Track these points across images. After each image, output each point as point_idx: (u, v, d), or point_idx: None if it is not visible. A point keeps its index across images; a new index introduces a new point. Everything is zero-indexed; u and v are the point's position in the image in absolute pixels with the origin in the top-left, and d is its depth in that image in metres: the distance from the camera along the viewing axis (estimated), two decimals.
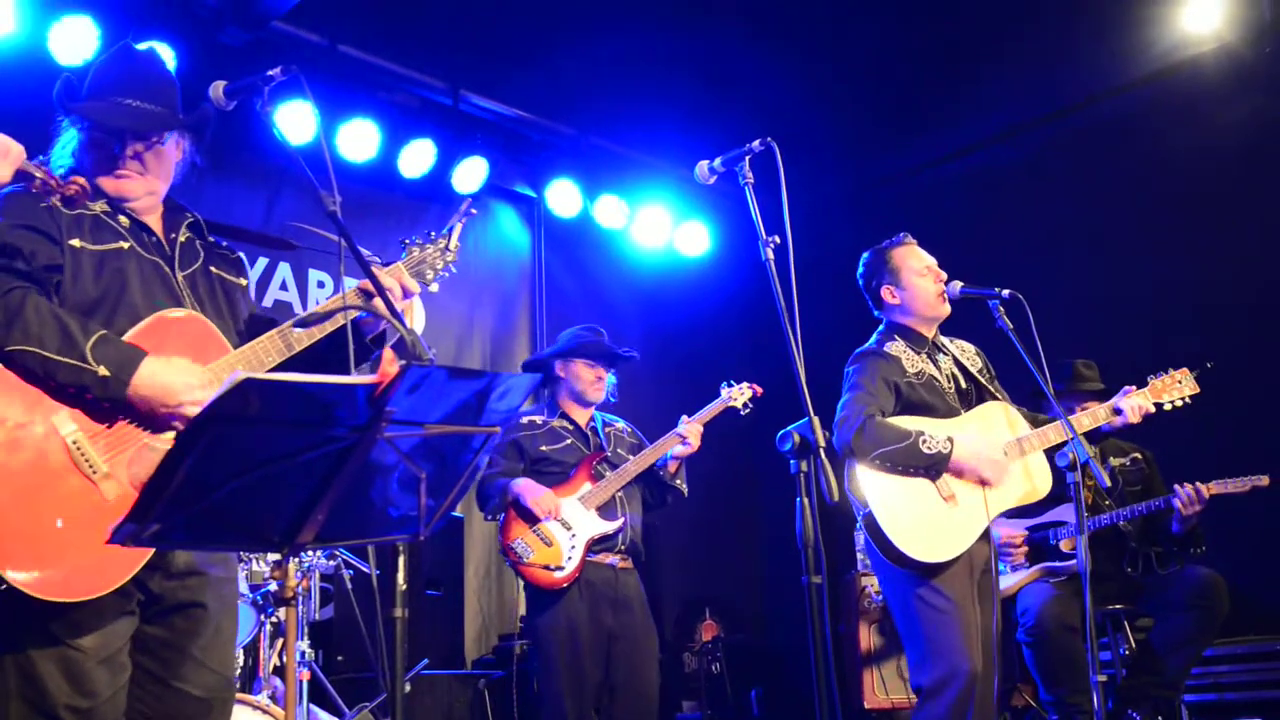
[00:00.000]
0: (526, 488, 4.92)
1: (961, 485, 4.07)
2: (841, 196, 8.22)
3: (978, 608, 4.00)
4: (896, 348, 4.29)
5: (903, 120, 7.84)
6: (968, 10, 6.82)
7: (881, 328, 4.44)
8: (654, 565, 6.07)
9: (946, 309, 4.35)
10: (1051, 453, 4.23)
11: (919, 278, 4.33)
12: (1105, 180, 7.18)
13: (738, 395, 5.24)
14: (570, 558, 4.87)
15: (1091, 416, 4.34)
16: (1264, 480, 5.01)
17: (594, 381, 5.17)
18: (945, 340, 4.45)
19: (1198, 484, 5.03)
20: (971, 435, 4.12)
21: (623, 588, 5.01)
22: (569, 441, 5.15)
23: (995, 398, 4.35)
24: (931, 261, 4.37)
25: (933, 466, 4.00)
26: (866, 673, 6.37)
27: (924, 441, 3.99)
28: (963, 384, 4.32)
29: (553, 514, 4.89)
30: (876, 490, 4.01)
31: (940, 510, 3.98)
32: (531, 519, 4.90)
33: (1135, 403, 4.33)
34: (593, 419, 5.29)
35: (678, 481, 5.20)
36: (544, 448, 5.10)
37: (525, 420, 5.18)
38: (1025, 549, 5.24)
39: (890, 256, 4.37)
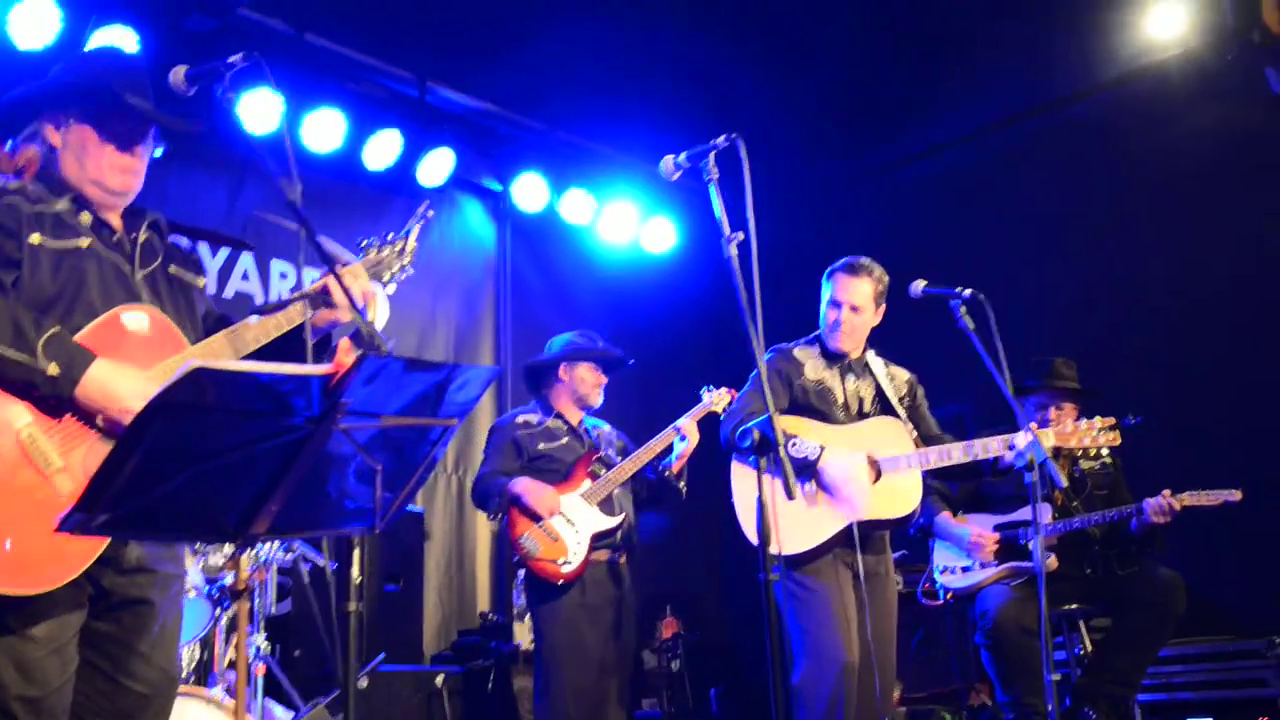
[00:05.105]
0: (526, 486, 4.99)
1: (824, 489, 4.25)
2: (807, 195, 8.22)
3: (860, 609, 4.17)
4: (806, 354, 4.53)
5: (869, 120, 7.86)
6: (935, 12, 6.85)
7: (815, 334, 4.64)
8: None
9: (844, 346, 4.50)
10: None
11: (827, 306, 4.52)
12: (1071, 182, 7.23)
13: (718, 400, 5.26)
14: (576, 553, 4.96)
15: (983, 447, 4.38)
16: (1236, 495, 4.97)
17: (596, 386, 5.31)
18: (879, 362, 4.60)
19: (1170, 496, 5.01)
20: (846, 448, 4.26)
21: (622, 583, 5.13)
22: (565, 440, 5.23)
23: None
24: (853, 296, 4.46)
25: (800, 470, 4.16)
26: None
27: (793, 445, 4.18)
28: (867, 406, 4.50)
29: (553, 511, 4.97)
30: (741, 484, 4.38)
31: (795, 506, 3.92)
32: (535, 516, 4.96)
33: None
34: (583, 421, 5.36)
35: (680, 483, 5.24)
36: (542, 446, 5.18)
37: (521, 420, 5.27)
38: (996, 546, 5.22)
39: (825, 283, 4.53)
